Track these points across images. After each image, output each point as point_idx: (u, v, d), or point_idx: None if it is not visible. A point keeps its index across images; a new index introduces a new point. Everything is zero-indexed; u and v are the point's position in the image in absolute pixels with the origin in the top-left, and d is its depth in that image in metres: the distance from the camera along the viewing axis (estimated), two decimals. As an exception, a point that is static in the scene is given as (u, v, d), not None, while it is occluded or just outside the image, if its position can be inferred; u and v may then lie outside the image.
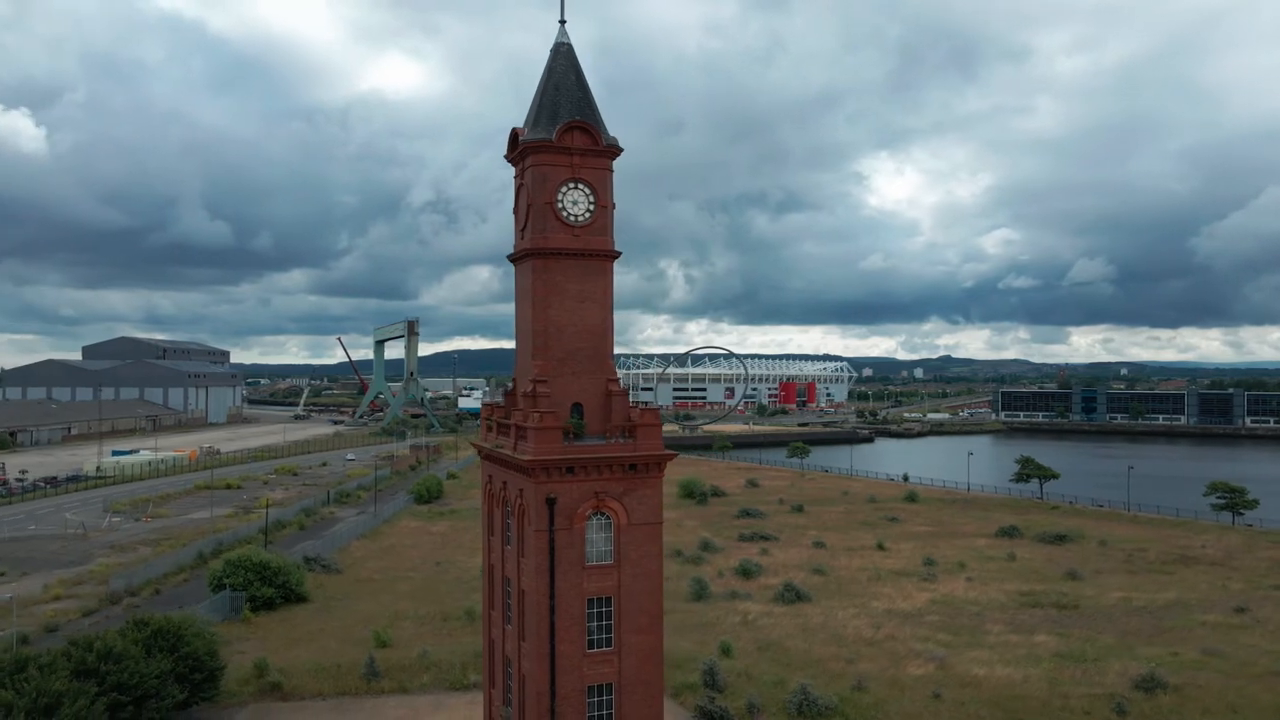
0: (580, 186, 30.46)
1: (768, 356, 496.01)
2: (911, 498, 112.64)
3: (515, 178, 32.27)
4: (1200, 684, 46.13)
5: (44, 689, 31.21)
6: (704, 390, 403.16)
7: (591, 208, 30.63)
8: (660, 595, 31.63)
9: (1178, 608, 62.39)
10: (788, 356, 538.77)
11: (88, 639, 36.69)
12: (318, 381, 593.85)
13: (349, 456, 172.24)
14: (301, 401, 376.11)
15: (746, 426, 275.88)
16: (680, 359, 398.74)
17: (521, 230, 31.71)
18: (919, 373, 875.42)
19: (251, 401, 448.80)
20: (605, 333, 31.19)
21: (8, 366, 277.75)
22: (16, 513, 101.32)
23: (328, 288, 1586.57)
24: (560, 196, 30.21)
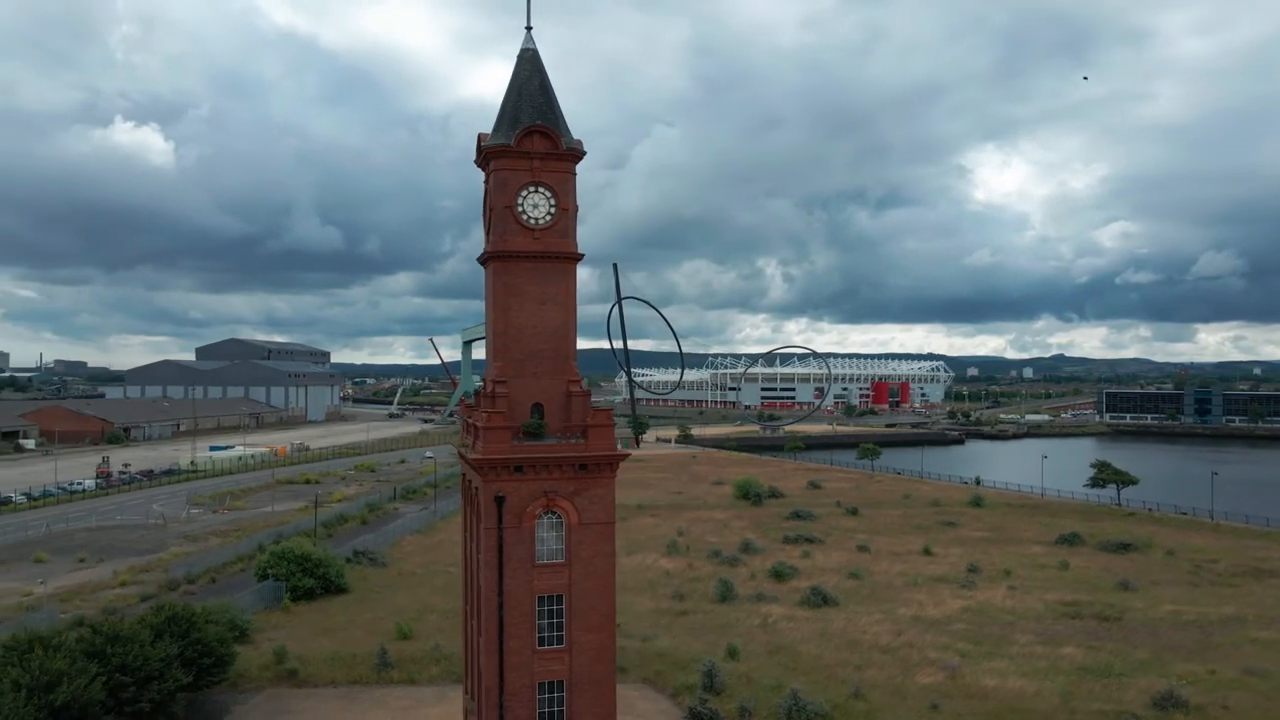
0: (541, 190, 30.74)
1: (866, 356, 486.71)
2: (977, 502, 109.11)
3: (483, 183, 33.00)
4: (1228, 705, 43.52)
5: (46, 667, 33.86)
6: (793, 390, 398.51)
7: (552, 210, 30.92)
8: (612, 594, 32.07)
9: (1232, 623, 58.78)
10: (886, 356, 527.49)
11: (100, 622, 39.52)
12: (418, 381, 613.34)
13: (427, 454, 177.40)
14: (395, 400, 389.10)
15: (830, 427, 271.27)
16: (763, 359, 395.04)
17: (486, 234, 32.46)
18: (1028, 372, 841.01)
19: (357, 400, 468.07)
20: (567, 334, 31.50)
21: (141, 366, 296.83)
22: (110, 504, 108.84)
23: (432, 290, 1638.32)
24: (520, 200, 30.58)
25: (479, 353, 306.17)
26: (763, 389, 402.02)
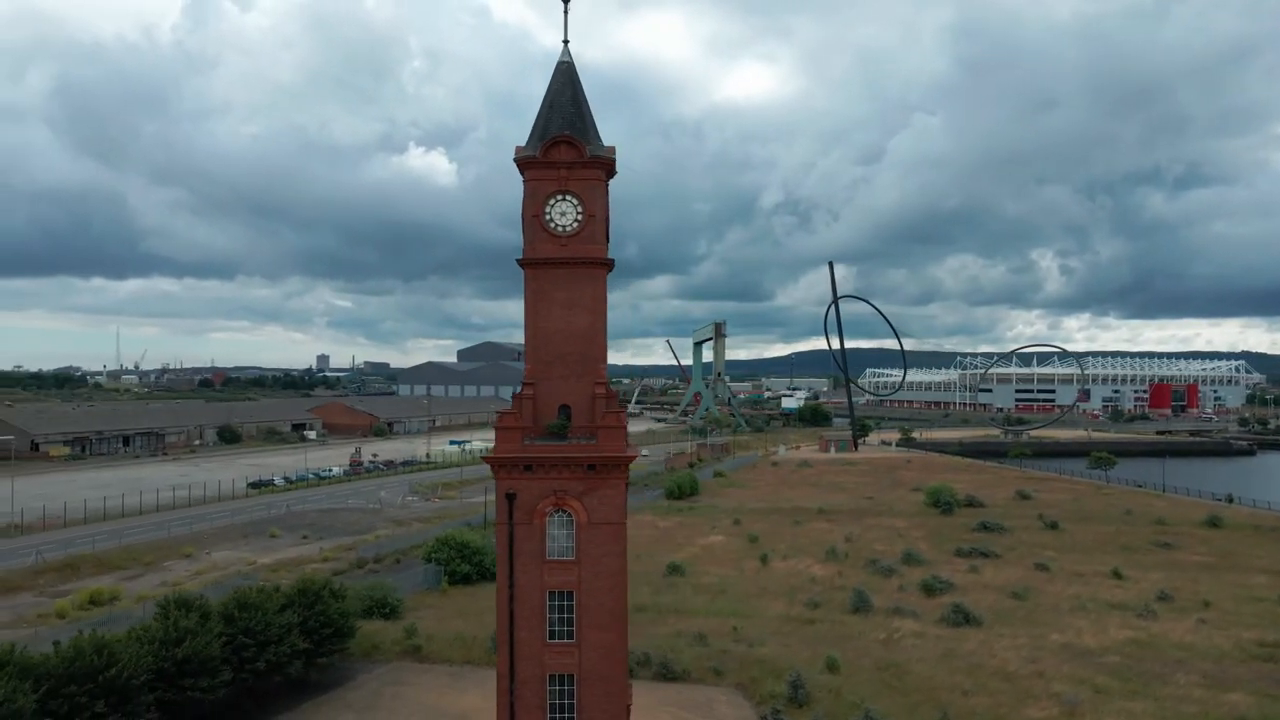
0: (568, 198, 31.74)
1: (1162, 355, 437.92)
2: (1213, 522, 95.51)
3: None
4: None
5: (178, 625, 40.28)
6: (1051, 392, 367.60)
7: (579, 218, 31.84)
8: (622, 594, 32.72)
9: None
10: (1187, 355, 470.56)
11: (239, 592, 46.06)
12: (669, 381, 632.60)
13: (643, 453, 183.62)
14: (633, 399, 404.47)
15: (1085, 433, 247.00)
16: (1000, 359, 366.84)
17: (524, 241, 34.20)
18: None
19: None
20: (593, 337, 32.48)
21: (411, 367, 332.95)
22: (348, 489, 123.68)
23: (689, 292, 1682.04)
24: (548, 209, 31.78)
25: (708, 354, 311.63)
26: (1017, 390, 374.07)
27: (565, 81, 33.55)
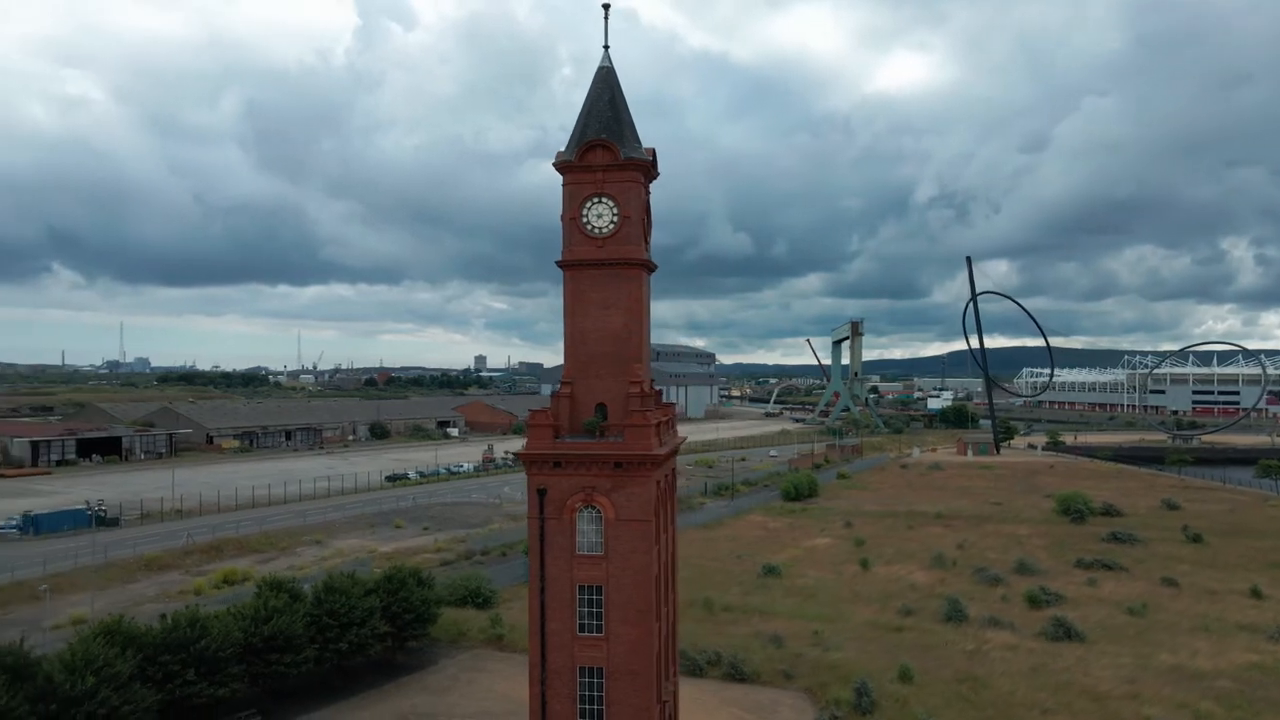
0: (604, 200, 32.30)
1: None
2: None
3: (564, 196, 35.61)
4: None
5: (268, 604, 43.93)
6: (1235, 394, 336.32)
7: (615, 220, 32.32)
8: (649, 590, 33.17)
9: None
10: None
11: (330, 577, 49.57)
12: (815, 381, 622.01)
13: (772, 453, 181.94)
14: (772, 399, 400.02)
15: (1269, 439, 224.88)
16: (1177, 356, 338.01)
17: (563, 244, 35.26)
18: None
19: (753, 400, 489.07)
20: (628, 337, 32.77)
21: (552, 367, 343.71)
22: (475, 484, 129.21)
23: (841, 290, 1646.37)
24: (585, 211, 32.37)
25: (846, 357, 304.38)
26: (1194, 392, 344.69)
27: (604, 87, 34.17)
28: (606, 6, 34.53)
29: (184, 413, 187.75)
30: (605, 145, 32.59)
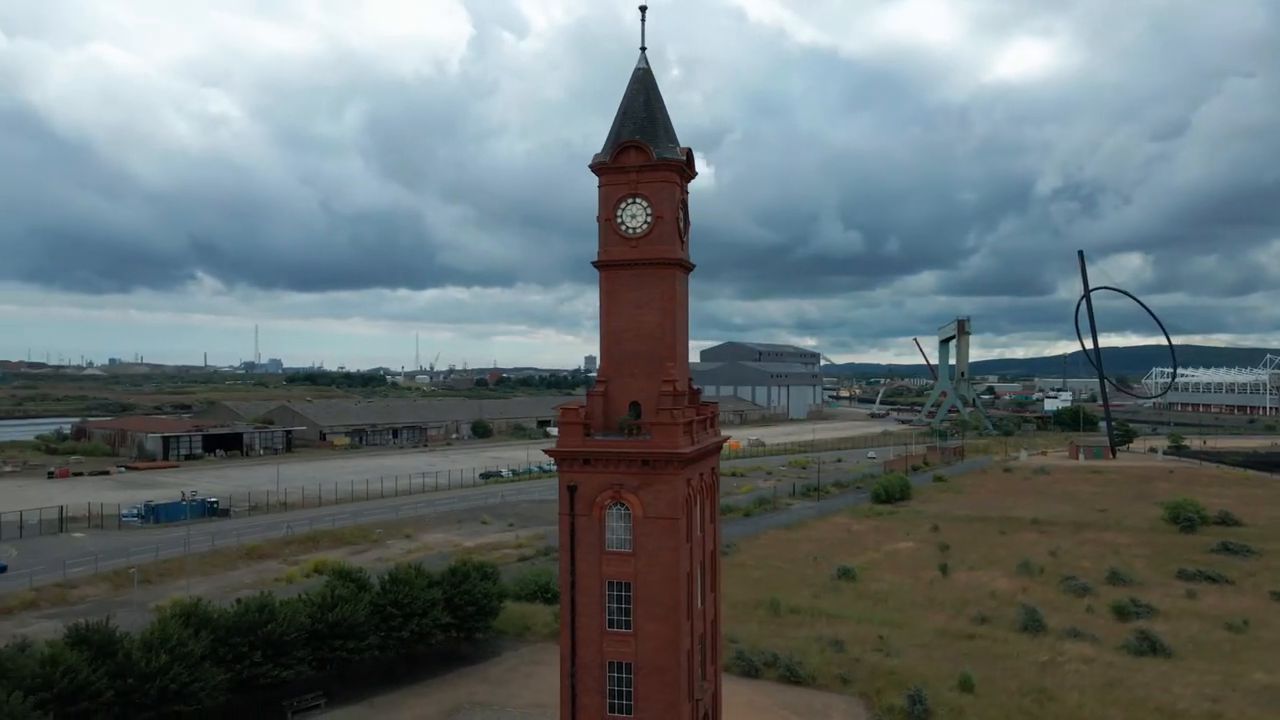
0: (638, 201, 32.74)
1: None
2: None
3: (600, 197, 36.18)
4: None
5: (333, 592, 46.26)
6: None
7: (649, 220, 32.71)
8: (677, 588, 33.38)
9: None
10: None
11: (396, 569, 51.70)
12: (926, 381, 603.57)
13: (870, 454, 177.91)
14: (878, 399, 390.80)
15: None
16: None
17: (599, 245, 35.84)
18: None
19: (861, 400, 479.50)
20: (662, 337, 33.10)
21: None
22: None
23: (957, 287, 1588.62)
24: (619, 212, 32.89)
25: (954, 356, 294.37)
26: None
27: (640, 88, 34.45)
28: (644, 9, 34.83)
29: (301, 411, 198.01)
30: (639, 146, 32.90)
